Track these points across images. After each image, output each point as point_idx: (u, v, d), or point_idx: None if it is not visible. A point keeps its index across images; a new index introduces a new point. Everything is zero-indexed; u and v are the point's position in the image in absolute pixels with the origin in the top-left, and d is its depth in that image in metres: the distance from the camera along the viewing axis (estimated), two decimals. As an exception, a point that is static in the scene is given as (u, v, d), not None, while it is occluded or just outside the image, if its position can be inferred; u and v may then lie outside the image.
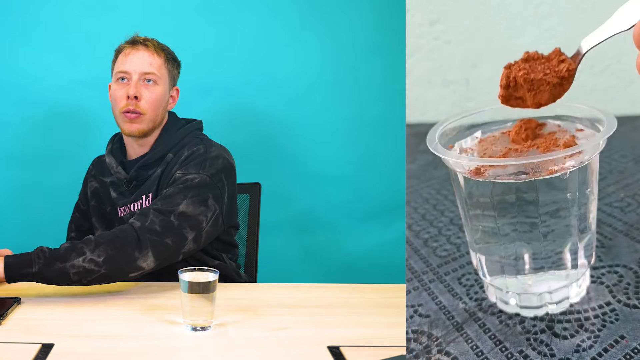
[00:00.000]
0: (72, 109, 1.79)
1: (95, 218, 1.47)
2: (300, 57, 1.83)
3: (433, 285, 1.22)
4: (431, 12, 2.14)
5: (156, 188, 1.37)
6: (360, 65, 1.85)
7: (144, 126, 1.38)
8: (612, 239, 1.26)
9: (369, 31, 1.84)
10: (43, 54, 1.77)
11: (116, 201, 1.43)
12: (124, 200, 1.41)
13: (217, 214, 1.32)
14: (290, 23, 1.82)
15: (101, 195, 1.47)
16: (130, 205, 1.40)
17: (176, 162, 1.37)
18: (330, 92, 1.85)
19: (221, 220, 1.34)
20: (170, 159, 1.39)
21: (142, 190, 1.38)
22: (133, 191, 1.40)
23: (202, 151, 1.37)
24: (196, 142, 1.40)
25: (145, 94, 1.37)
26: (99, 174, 1.49)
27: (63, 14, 1.76)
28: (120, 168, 1.42)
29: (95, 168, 1.52)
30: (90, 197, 1.49)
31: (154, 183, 1.38)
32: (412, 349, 1.04)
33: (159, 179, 1.38)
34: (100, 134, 1.80)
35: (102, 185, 1.47)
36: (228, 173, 1.37)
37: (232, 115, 1.83)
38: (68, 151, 1.81)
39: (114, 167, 1.42)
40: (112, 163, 1.43)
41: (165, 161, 1.39)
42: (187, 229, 1.27)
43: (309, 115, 1.86)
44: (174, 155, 1.39)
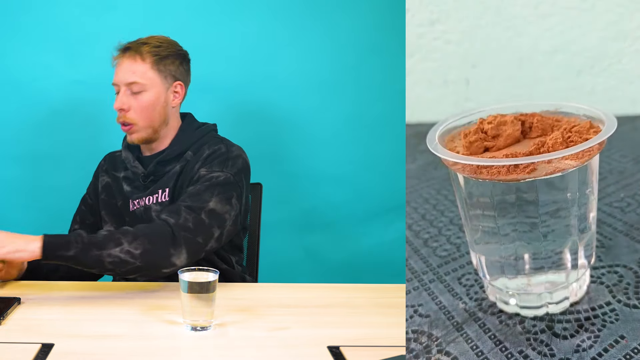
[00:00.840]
0: (72, 109, 1.79)
1: (104, 212, 1.47)
2: (300, 57, 1.83)
3: (433, 285, 1.22)
4: (431, 12, 2.14)
5: (174, 184, 1.38)
6: (360, 65, 1.85)
7: (141, 134, 1.39)
8: (612, 239, 1.26)
9: (369, 31, 1.84)
10: (43, 54, 1.77)
11: (129, 195, 1.43)
12: (138, 194, 1.41)
13: (237, 213, 1.33)
14: (290, 23, 1.82)
15: (112, 190, 1.47)
16: (145, 199, 1.40)
17: (197, 160, 1.38)
18: (330, 92, 1.85)
19: (239, 220, 1.35)
20: (190, 156, 1.40)
21: (159, 185, 1.39)
22: (149, 186, 1.41)
23: (224, 150, 1.39)
24: (216, 142, 1.41)
25: (132, 103, 1.37)
26: (111, 169, 1.49)
27: (63, 14, 1.76)
28: (137, 162, 1.42)
29: (107, 163, 1.51)
30: (101, 191, 1.48)
31: (172, 179, 1.39)
32: (412, 349, 1.04)
33: (178, 175, 1.39)
34: (100, 134, 1.80)
35: (115, 180, 1.47)
36: (246, 173, 1.40)
37: (232, 115, 1.83)
38: (68, 151, 1.80)
39: (130, 161, 1.43)
40: (128, 157, 1.44)
41: (184, 158, 1.40)
42: (214, 227, 1.28)
43: (309, 115, 1.86)
44: (194, 154, 1.40)
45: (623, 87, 2.08)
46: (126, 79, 1.37)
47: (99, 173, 1.52)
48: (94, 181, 1.53)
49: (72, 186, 1.79)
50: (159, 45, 1.39)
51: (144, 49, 1.37)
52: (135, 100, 1.37)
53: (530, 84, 2.14)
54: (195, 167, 1.37)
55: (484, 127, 1.02)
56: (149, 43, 1.38)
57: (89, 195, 1.53)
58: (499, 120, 1.01)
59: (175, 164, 1.40)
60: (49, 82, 1.78)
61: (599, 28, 2.03)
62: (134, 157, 1.44)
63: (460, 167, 0.97)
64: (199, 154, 1.39)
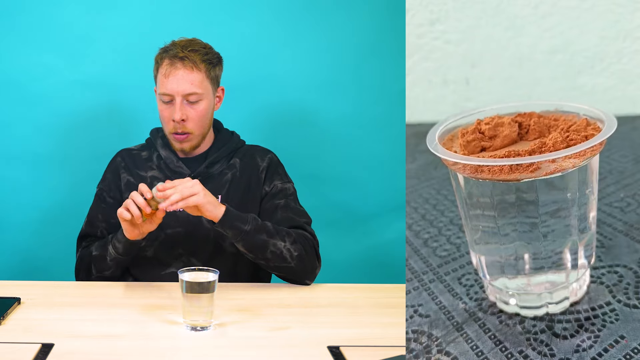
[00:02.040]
0: (72, 109, 1.79)
1: None
2: (300, 57, 1.83)
3: (433, 285, 1.22)
4: (431, 12, 2.14)
5: (226, 192, 1.40)
6: (360, 66, 1.85)
7: (193, 142, 1.40)
8: (612, 239, 1.26)
9: (369, 31, 1.84)
10: (43, 54, 1.77)
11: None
12: None
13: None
14: (289, 23, 1.82)
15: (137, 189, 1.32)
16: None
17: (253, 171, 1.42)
18: (330, 92, 1.85)
19: None
20: (237, 163, 1.43)
21: (212, 191, 1.33)
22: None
23: (277, 159, 1.47)
24: (262, 150, 1.47)
25: (190, 113, 1.37)
26: (132, 166, 1.45)
27: (63, 14, 1.76)
28: (181, 163, 1.42)
29: (125, 160, 1.46)
30: (124, 190, 1.43)
31: (224, 186, 1.41)
32: (412, 349, 1.04)
33: (229, 183, 1.41)
34: (100, 134, 1.80)
35: (139, 178, 1.42)
36: None
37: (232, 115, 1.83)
38: (68, 151, 1.80)
39: (174, 162, 1.42)
40: (170, 157, 1.42)
41: (232, 165, 1.43)
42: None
43: (309, 115, 1.86)
44: (240, 160, 1.43)
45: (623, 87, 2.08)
46: (185, 89, 1.35)
47: (118, 170, 1.46)
48: (112, 178, 1.45)
49: (72, 186, 1.79)
50: (207, 52, 1.39)
51: (197, 57, 1.36)
52: (193, 109, 1.37)
53: (530, 84, 2.14)
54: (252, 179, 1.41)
55: (482, 128, 1.02)
56: (198, 50, 1.37)
57: (108, 194, 1.45)
58: (496, 122, 1.02)
59: (221, 167, 1.42)
60: (49, 82, 1.78)
61: (599, 28, 2.03)
62: (177, 158, 1.43)
63: (461, 166, 0.97)
64: (252, 164, 1.43)
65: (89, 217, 1.43)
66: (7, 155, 1.80)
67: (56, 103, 1.78)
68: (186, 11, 1.79)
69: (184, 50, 1.36)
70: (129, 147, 1.49)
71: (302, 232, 1.36)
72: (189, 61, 1.35)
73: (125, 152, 1.48)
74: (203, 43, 1.40)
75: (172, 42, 1.39)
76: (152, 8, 1.78)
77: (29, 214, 1.81)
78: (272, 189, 1.42)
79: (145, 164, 1.44)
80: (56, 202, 1.80)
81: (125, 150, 1.48)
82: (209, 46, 1.41)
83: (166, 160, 1.43)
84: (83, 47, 1.77)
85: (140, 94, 1.73)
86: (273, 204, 1.41)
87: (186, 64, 1.35)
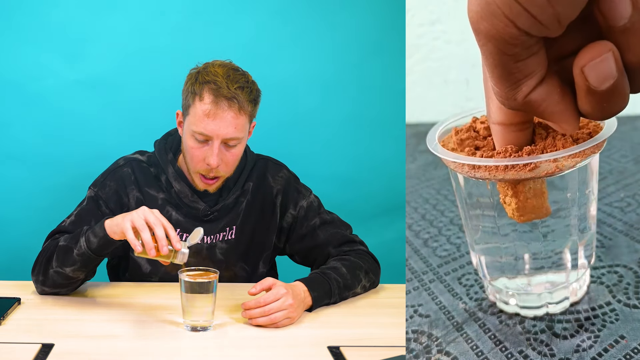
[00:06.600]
0: (71, 109, 1.79)
1: None
2: (300, 57, 1.83)
3: (433, 285, 1.22)
4: (431, 12, 2.14)
5: (241, 222, 1.36)
6: (361, 65, 1.85)
7: (219, 184, 1.31)
8: (612, 239, 1.26)
9: (369, 31, 1.84)
10: (42, 53, 1.77)
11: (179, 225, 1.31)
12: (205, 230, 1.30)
13: None
14: (290, 23, 1.82)
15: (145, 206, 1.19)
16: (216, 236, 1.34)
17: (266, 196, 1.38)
18: (330, 92, 1.85)
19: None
20: (250, 187, 1.37)
21: (227, 223, 1.34)
22: (212, 220, 1.33)
23: (290, 176, 1.43)
24: (274, 166, 1.42)
25: (226, 158, 1.25)
26: (143, 183, 1.31)
27: (63, 14, 1.76)
28: (196, 197, 1.31)
29: (135, 174, 1.32)
30: (133, 207, 1.30)
31: (239, 216, 1.35)
32: (412, 349, 1.04)
33: (243, 212, 1.36)
34: (100, 134, 1.80)
35: (150, 199, 1.31)
36: None
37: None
38: (68, 151, 1.80)
39: (188, 196, 1.31)
40: (185, 191, 1.31)
41: (245, 191, 1.36)
42: None
43: (309, 115, 1.86)
44: (253, 184, 1.37)
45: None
46: (226, 133, 1.21)
47: (125, 182, 1.32)
48: (116, 189, 1.31)
49: (72, 186, 1.79)
50: (251, 89, 1.24)
51: (244, 97, 1.21)
52: (229, 153, 1.25)
53: (530, 84, 2.13)
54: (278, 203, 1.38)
55: (477, 127, 1.02)
56: (243, 88, 1.22)
57: (106, 203, 1.31)
58: None
59: (235, 196, 1.34)
60: (48, 82, 1.78)
61: (599, 28, 2.03)
62: (192, 192, 1.31)
63: (459, 164, 0.97)
64: (264, 186, 1.38)
65: (77, 218, 1.29)
66: (6, 155, 1.80)
67: (55, 103, 1.78)
68: (186, 11, 1.79)
69: (230, 87, 1.20)
70: (137, 158, 1.35)
71: (360, 250, 1.38)
72: (236, 102, 1.20)
73: (136, 163, 1.34)
74: (243, 72, 1.26)
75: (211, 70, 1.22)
76: (152, 8, 1.78)
77: (28, 214, 1.81)
78: (299, 211, 1.39)
79: (155, 183, 1.32)
80: (55, 202, 1.80)
81: (135, 162, 1.34)
82: (250, 77, 1.26)
83: (180, 194, 1.31)
84: (82, 47, 1.77)
85: (140, 94, 1.73)
86: (309, 227, 1.38)
87: (232, 105, 1.20)
